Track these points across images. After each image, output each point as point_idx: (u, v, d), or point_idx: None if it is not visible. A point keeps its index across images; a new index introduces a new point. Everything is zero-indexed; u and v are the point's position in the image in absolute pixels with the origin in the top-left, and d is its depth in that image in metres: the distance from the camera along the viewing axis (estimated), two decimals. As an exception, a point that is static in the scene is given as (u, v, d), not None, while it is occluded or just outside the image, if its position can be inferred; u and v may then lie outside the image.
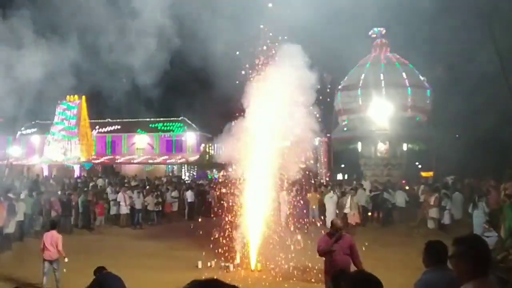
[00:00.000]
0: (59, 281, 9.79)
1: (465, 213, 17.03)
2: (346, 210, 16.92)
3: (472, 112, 31.54)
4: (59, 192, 20.31)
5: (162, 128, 43.63)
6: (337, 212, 17.85)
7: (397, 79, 30.92)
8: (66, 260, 10.04)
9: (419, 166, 37.52)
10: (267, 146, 12.20)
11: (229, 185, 12.99)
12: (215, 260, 12.01)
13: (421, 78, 31.98)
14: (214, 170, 38.52)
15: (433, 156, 33.38)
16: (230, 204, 12.63)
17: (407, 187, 23.19)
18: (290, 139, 12.45)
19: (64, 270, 10.15)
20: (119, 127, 44.65)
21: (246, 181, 12.39)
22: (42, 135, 43.59)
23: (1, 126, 40.97)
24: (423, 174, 33.89)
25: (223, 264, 11.80)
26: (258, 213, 12.13)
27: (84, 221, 18.69)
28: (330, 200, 18.35)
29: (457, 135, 32.56)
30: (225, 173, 13.66)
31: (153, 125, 43.94)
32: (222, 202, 13.93)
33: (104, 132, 44.69)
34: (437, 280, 4.08)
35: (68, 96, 40.97)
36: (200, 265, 11.62)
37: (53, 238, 9.77)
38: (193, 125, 42.56)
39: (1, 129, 41.27)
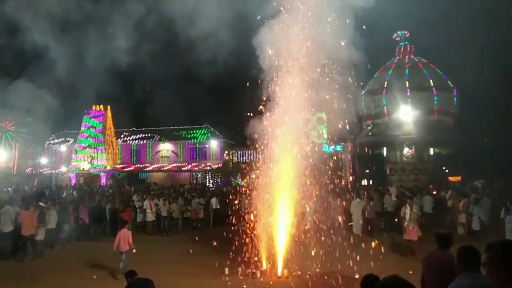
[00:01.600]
0: (124, 268, 11.20)
1: (496, 218, 16.60)
2: (406, 224, 14.31)
3: (500, 114, 30.90)
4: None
5: (186, 136, 44.05)
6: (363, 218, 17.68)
7: (422, 83, 30.54)
8: (134, 251, 12.23)
9: (446, 171, 36.87)
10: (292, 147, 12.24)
11: (253, 191, 12.98)
12: (242, 266, 11.99)
13: (447, 81, 31.48)
14: (238, 176, 38.60)
15: (460, 160, 32.72)
16: (255, 211, 12.61)
17: (434, 192, 22.78)
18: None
19: (94, 276, 10.33)
20: (143, 135, 45.27)
21: (271, 186, 12.39)
22: (69, 144, 44.54)
23: (31, 137, 42.19)
24: (451, 178, 33.26)
25: (249, 270, 11.77)
26: (284, 219, 12.11)
27: (112, 228, 18.93)
28: (357, 206, 18.13)
29: (485, 139, 31.86)
30: (248, 180, 13.64)
31: (177, 133, 44.42)
32: (246, 208, 13.91)
33: (129, 141, 45.36)
34: (468, 286, 4.01)
35: (93, 106, 41.82)
36: (227, 272, 11.62)
37: (125, 234, 12.10)
38: (217, 132, 42.83)
39: (31, 140, 42.49)
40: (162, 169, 43.28)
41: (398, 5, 21.75)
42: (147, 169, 43.73)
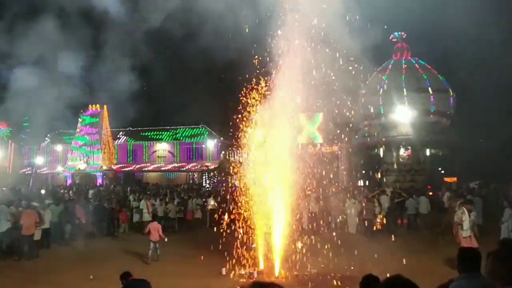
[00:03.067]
0: (159, 255, 13.67)
1: (492, 219, 16.65)
2: (465, 233, 12.00)
3: (496, 116, 30.99)
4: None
5: (183, 135, 43.97)
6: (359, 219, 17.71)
7: (419, 84, 30.59)
8: (165, 239, 14.13)
9: (442, 172, 36.95)
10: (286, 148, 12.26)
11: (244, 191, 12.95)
12: (239, 266, 11.96)
13: (444, 82, 31.55)
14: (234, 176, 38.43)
15: (456, 161, 32.80)
16: (252, 210, 12.58)
17: (430, 193, 22.79)
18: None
19: (91, 277, 10.33)
20: (140, 135, 45.18)
21: (268, 186, 12.36)
22: (65, 144, 44.36)
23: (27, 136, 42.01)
24: (447, 179, 33.29)
25: (247, 271, 11.75)
26: (281, 219, 12.10)
27: (108, 228, 18.89)
28: (353, 206, 18.19)
29: (481, 140, 31.94)
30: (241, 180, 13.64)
31: (173, 133, 44.34)
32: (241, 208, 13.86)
33: (125, 141, 45.24)
34: (468, 287, 3.99)
35: (90, 106, 41.67)
36: (224, 272, 11.59)
37: (155, 227, 13.90)
38: (213, 132, 42.75)
39: (27, 139, 42.30)
40: (159, 169, 43.21)
41: (395, 6, 21.78)
42: (140, 167, 43.66)
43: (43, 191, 27.10)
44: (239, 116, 13.02)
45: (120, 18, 21.23)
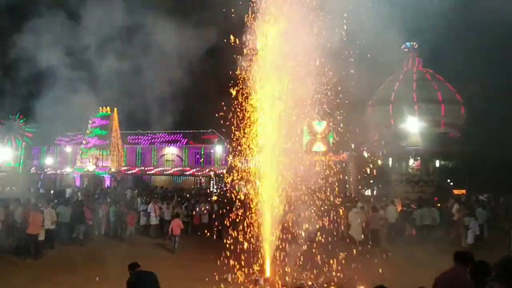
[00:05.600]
0: (177, 246, 15.81)
1: (500, 231, 16.50)
2: None
3: (507, 128, 30.75)
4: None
5: (191, 140, 44.10)
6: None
7: (429, 94, 30.44)
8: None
9: (451, 184, 36.66)
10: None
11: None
12: (245, 273, 11.92)
13: (455, 93, 31.38)
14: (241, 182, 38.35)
15: (466, 173, 32.53)
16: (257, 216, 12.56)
17: (438, 204, 22.58)
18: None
19: (97, 278, 10.34)
20: (149, 138, 45.37)
21: (275, 192, 12.35)
22: (75, 145, 44.64)
23: (37, 137, 42.32)
24: (455, 191, 33.00)
25: (252, 277, 11.71)
26: (287, 227, 12.08)
27: (115, 230, 18.93)
28: (356, 215, 18.09)
29: (491, 152, 31.67)
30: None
31: (182, 137, 44.46)
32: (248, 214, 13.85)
33: (134, 144, 45.44)
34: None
35: (100, 108, 41.90)
36: (229, 278, 11.56)
37: (177, 223, 16.23)
38: (222, 137, 42.79)
39: (37, 140, 42.59)
40: (166, 172, 43.34)
41: (408, 16, 21.77)
42: (151, 172, 43.81)
43: (51, 191, 27.29)
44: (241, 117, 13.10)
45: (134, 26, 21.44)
